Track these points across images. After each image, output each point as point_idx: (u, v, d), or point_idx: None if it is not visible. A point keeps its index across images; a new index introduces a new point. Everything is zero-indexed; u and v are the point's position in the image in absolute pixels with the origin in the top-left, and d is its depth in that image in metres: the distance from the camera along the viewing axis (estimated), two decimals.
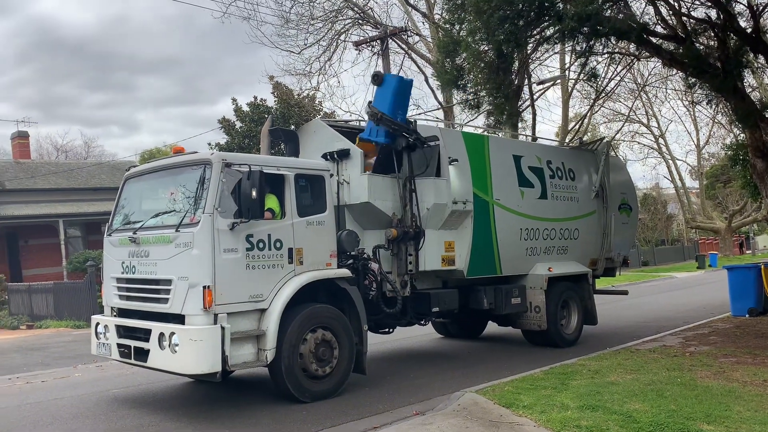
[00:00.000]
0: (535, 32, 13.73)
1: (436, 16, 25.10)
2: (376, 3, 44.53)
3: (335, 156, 9.71)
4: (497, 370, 9.77)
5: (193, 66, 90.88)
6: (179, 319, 7.51)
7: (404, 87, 10.05)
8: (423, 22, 26.96)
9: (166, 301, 7.65)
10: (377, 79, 9.95)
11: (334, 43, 26.15)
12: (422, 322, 10.83)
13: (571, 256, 12.34)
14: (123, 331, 8.23)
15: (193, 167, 7.92)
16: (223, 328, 7.32)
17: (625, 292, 14.79)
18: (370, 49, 25.25)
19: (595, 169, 12.97)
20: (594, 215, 12.81)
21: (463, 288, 10.70)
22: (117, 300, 8.53)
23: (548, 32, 13.71)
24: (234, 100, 25.83)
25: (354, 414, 7.60)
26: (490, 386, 8.22)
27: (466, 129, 14.48)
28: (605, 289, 14.62)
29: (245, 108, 26.06)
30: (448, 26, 18.16)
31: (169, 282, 7.62)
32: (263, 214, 7.75)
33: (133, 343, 8.00)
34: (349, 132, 10.51)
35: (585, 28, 11.74)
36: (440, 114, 26.67)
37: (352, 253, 9.04)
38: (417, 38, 26.99)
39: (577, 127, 29.60)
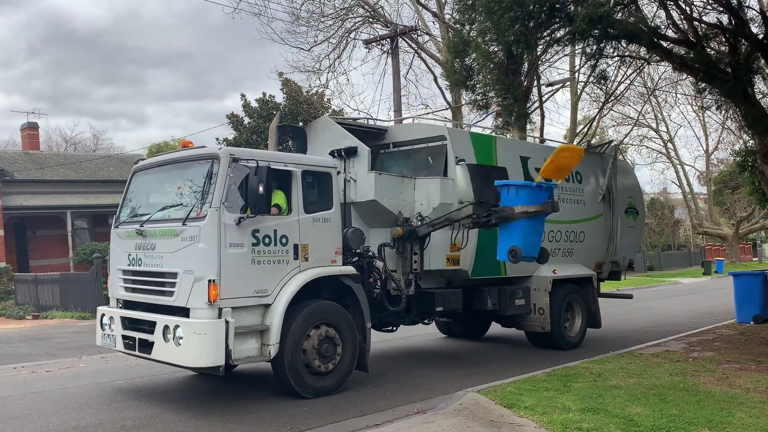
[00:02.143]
0: (545, 34, 13.72)
1: (447, 16, 25.10)
2: (387, 2, 44.36)
3: (342, 153, 9.74)
4: (499, 370, 9.77)
5: (203, 61, 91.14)
6: (184, 312, 7.54)
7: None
8: (433, 22, 27.00)
9: (171, 294, 7.69)
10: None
11: (344, 41, 26.25)
12: (426, 321, 10.85)
13: (577, 258, 12.33)
14: (128, 323, 8.27)
15: (201, 161, 7.95)
16: (227, 322, 7.34)
17: (629, 296, 14.78)
18: (379, 47, 25.33)
19: (603, 173, 12.94)
20: (600, 218, 12.80)
21: (468, 288, 10.70)
22: (123, 292, 8.57)
23: (558, 34, 13.70)
24: (243, 96, 26.04)
25: (356, 411, 7.63)
26: (492, 387, 8.24)
27: (474, 129, 14.49)
28: (610, 293, 14.63)
29: (254, 104, 26.20)
30: (458, 26, 18.09)
31: (174, 275, 7.65)
32: (270, 210, 7.79)
33: (137, 335, 8.04)
34: (358, 130, 10.53)
35: (595, 30, 11.71)
36: (449, 114, 26.67)
37: (358, 250, 9.07)
38: (427, 38, 27.00)
39: (586, 129, 29.61)
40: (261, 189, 7.45)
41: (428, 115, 26.79)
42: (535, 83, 22.14)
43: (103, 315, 8.74)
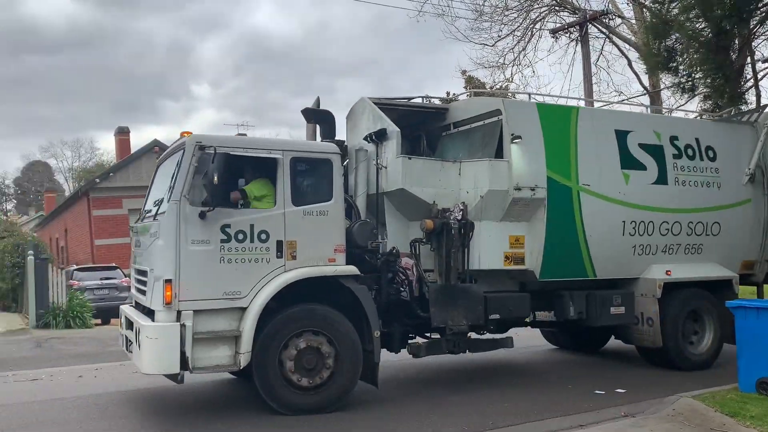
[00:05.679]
0: (760, 5, 12.50)
1: None
2: None
3: (374, 137, 8.56)
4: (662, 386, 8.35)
5: (387, 65, 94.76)
6: (152, 314, 7.02)
7: None
8: (627, 3, 24.95)
9: (146, 293, 7.24)
10: None
11: (529, 33, 25.38)
12: (481, 332, 9.06)
13: (708, 256, 9.69)
14: (126, 323, 7.97)
15: (178, 151, 7.38)
16: (183, 326, 6.65)
17: None
18: (567, 35, 24.24)
19: (751, 147, 10.07)
20: (748, 205, 9.98)
21: (543, 293, 8.86)
22: (132, 291, 8.37)
23: None
24: (427, 96, 25.58)
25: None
26: (709, 393, 7.53)
27: (677, 114, 12.53)
28: None
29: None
30: (656, 6, 17.00)
31: (145, 273, 7.23)
32: (233, 203, 7.00)
33: (130, 336, 7.68)
34: (393, 109, 9.19)
35: None
36: (645, 99, 23.91)
37: (369, 247, 7.83)
38: (619, 21, 25.27)
39: None
40: (215, 178, 6.66)
41: (623, 102, 24.31)
42: (749, 60, 19.05)
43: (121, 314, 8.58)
